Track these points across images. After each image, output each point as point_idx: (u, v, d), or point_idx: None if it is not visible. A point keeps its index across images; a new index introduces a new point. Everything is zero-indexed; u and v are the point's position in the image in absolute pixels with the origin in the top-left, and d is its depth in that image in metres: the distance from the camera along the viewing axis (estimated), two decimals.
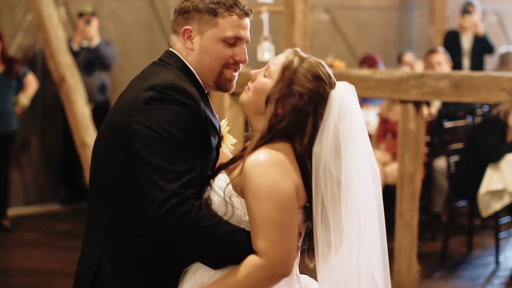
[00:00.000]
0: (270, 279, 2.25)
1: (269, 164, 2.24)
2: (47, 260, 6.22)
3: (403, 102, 5.16)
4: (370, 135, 8.00)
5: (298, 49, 2.41)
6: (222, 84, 2.49)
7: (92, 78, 7.69)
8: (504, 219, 6.48)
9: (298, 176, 2.30)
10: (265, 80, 2.38)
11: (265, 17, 5.84)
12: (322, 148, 2.29)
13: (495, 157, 6.03)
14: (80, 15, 7.72)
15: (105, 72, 7.80)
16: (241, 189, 2.30)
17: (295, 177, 2.28)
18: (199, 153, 2.33)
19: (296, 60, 2.35)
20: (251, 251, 2.27)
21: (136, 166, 2.31)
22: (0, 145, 7.08)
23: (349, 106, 2.32)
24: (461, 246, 6.65)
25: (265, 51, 5.78)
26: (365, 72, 5.44)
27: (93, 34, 7.63)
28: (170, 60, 2.47)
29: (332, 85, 2.35)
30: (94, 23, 7.65)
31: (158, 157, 2.24)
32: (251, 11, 2.50)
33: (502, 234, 6.39)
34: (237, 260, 2.27)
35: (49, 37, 6.73)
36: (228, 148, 2.62)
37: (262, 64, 7.36)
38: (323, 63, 2.39)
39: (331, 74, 2.38)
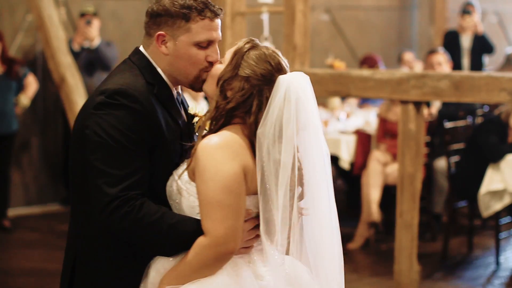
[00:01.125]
0: (216, 257, 2.33)
1: (216, 146, 2.33)
2: (47, 261, 6.22)
3: (404, 102, 5.16)
4: (370, 136, 7.96)
5: (255, 39, 2.50)
6: (196, 85, 2.56)
7: (92, 78, 7.69)
8: (505, 220, 6.49)
9: (252, 159, 2.38)
10: (220, 66, 2.48)
11: (265, 17, 5.84)
12: (265, 130, 2.36)
13: (496, 158, 6.03)
14: (82, 15, 7.72)
15: (105, 73, 7.78)
16: (193, 173, 2.39)
17: (245, 159, 2.36)
18: (154, 152, 2.43)
19: (247, 46, 2.45)
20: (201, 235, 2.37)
21: None
22: (1, 145, 7.08)
23: (295, 92, 2.38)
24: (462, 246, 6.65)
25: None
26: (366, 72, 5.44)
27: (94, 35, 7.63)
28: (135, 57, 2.58)
29: (281, 71, 2.43)
30: (95, 23, 7.65)
31: (102, 162, 2.36)
32: (221, 9, 2.54)
33: (503, 235, 6.39)
34: (190, 247, 2.37)
35: (50, 38, 6.72)
36: None
37: None
38: (278, 53, 2.46)
39: (283, 63, 2.45)
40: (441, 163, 6.84)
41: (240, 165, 2.34)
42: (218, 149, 2.33)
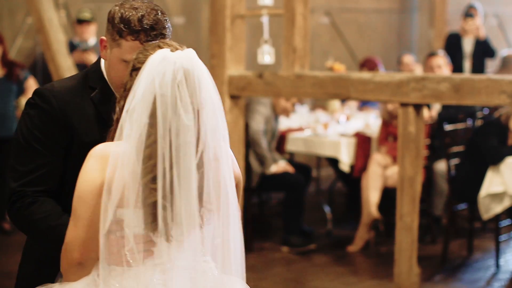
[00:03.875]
0: (68, 264, 2.31)
1: (92, 155, 2.28)
2: None
3: (404, 105, 5.17)
4: (370, 138, 7.93)
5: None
6: None
7: None
8: (504, 222, 6.49)
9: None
10: None
11: (265, 20, 5.84)
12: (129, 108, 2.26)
13: (496, 160, 6.03)
14: (79, 21, 7.68)
15: None
16: None
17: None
18: (69, 152, 2.52)
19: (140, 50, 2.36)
20: None
21: None
22: (1, 148, 7.09)
23: (150, 68, 2.23)
24: (462, 249, 6.65)
25: (265, 54, 5.77)
26: (365, 75, 5.44)
27: (92, 59, 7.62)
28: (94, 62, 2.66)
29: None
30: (92, 52, 7.62)
31: (13, 158, 2.54)
32: (163, 35, 2.44)
33: (503, 237, 6.39)
34: None
35: (50, 40, 6.73)
36: None
37: (263, 67, 7.34)
38: (166, 41, 2.34)
39: (163, 45, 2.30)
40: (441, 165, 6.85)
41: (102, 178, 2.24)
42: (91, 157, 2.27)
